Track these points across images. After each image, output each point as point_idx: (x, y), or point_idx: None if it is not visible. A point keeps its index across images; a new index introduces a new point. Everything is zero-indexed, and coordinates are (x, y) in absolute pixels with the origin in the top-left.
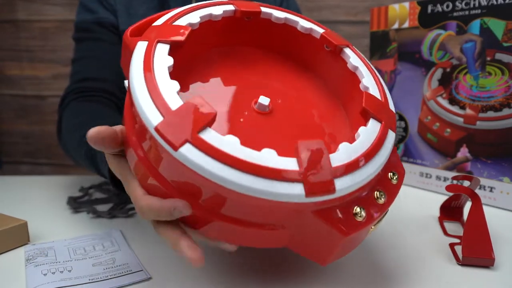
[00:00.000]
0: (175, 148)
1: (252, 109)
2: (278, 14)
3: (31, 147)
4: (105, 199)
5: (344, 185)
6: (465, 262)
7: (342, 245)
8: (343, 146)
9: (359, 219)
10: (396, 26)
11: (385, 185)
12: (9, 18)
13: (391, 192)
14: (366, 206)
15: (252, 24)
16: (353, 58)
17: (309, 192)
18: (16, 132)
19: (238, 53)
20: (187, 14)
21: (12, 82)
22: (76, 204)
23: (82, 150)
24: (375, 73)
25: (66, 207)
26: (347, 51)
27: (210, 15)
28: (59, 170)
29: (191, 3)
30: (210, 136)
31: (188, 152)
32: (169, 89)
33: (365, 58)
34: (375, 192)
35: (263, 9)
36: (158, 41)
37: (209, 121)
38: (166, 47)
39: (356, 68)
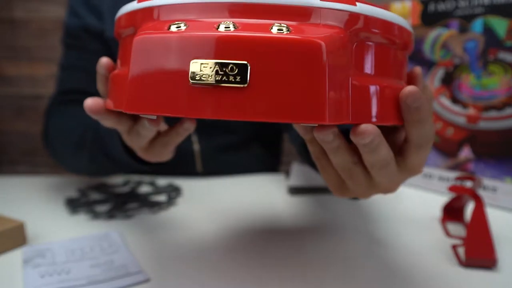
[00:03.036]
0: None
1: None
2: None
3: (28, 147)
4: (103, 200)
5: (369, 7)
6: (467, 263)
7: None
8: None
9: None
10: None
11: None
12: (6, 16)
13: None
14: None
15: None
16: None
17: None
18: (14, 132)
19: None
20: None
21: (9, 81)
22: (74, 205)
23: (88, 135)
24: None
25: (63, 207)
26: None
27: None
28: (56, 170)
29: None
30: None
31: None
32: None
33: None
34: None
35: None
36: None
37: None
38: None
39: None
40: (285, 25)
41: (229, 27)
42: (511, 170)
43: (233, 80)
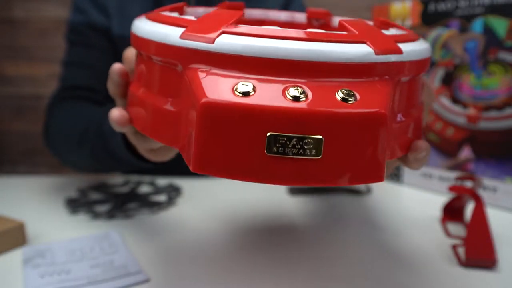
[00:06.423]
0: (212, 41)
1: None
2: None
3: (28, 147)
4: (103, 200)
5: (409, 48)
6: (467, 263)
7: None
8: (384, 32)
9: None
10: None
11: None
12: (5, 16)
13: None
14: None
15: None
16: (335, 18)
17: (377, 51)
18: (14, 132)
19: None
20: None
21: (9, 81)
22: (74, 205)
23: (90, 131)
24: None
25: (63, 207)
26: (333, 18)
27: None
28: (56, 170)
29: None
30: (246, 27)
31: (228, 39)
32: (183, 17)
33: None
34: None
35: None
36: None
37: (238, 18)
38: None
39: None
40: (352, 93)
41: (298, 97)
42: (511, 170)
43: (309, 153)
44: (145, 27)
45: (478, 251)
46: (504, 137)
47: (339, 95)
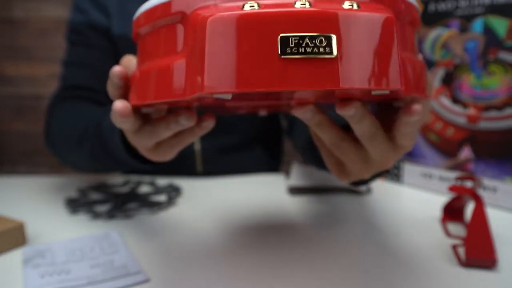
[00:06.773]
0: None
1: None
2: None
3: (28, 147)
4: (103, 200)
5: None
6: (467, 263)
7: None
8: None
9: None
10: None
11: None
12: (5, 16)
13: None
14: None
15: None
16: None
17: None
18: (14, 132)
19: None
20: None
21: (9, 81)
22: (74, 205)
23: (88, 132)
24: None
25: (63, 207)
26: None
27: None
28: (56, 170)
29: None
30: None
31: None
32: None
33: None
34: None
35: None
36: None
37: None
38: None
39: None
40: (357, 4)
41: (305, 4)
42: (511, 170)
43: (323, 51)
44: (147, 4)
45: (478, 251)
46: (504, 137)
47: (346, 4)
